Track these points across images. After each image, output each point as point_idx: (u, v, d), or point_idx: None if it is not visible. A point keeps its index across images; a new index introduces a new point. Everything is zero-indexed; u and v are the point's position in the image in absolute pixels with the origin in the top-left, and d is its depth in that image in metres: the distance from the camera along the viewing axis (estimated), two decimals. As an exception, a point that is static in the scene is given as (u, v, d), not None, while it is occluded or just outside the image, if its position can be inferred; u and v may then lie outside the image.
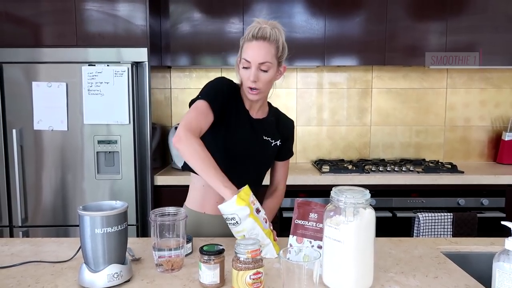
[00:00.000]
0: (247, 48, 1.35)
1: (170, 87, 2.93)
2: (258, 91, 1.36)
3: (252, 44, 1.34)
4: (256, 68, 1.34)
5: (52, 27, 2.34)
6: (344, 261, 1.00)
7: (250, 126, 1.44)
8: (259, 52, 1.33)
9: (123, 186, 2.33)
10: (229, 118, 1.40)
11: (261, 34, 1.33)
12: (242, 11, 2.60)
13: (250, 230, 1.21)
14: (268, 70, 1.35)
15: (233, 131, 1.40)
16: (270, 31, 1.33)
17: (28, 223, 2.35)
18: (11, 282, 1.09)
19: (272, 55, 1.35)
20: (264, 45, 1.33)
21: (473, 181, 2.45)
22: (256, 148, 1.44)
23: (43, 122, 2.30)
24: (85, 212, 1.04)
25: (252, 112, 1.46)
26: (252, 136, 1.44)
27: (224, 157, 1.37)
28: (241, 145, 1.42)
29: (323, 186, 2.40)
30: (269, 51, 1.34)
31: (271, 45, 1.34)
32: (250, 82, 1.34)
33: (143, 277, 1.12)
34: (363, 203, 1.00)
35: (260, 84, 1.35)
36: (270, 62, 1.34)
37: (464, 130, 2.98)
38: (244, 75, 1.36)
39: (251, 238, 1.16)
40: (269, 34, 1.33)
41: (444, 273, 1.14)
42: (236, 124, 1.41)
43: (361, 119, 2.97)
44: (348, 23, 2.64)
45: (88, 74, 2.27)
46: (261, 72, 1.35)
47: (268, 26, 1.34)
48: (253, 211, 1.22)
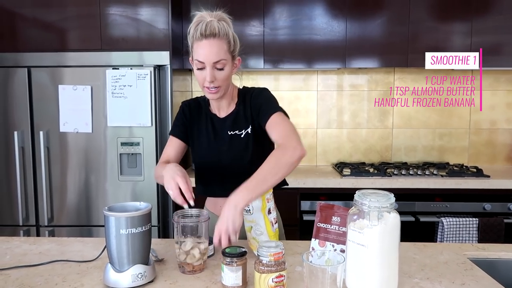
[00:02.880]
0: (198, 48, 1.28)
1: (191, 89, 2.96)
2: (217, 89, 1.31)
3: (202, 43, 1.27)
4: (211, 68, 1.28)
5: (77, 32, 2.40)
6: (368, 265, 0.99)
7: (213, 129, 1.43)
8: (211, 50, 1.26)
9: (145, 187, 2.36)
10: (196, 133, 1.46)
11: (210, 31, 1.26)
12: (263, 14, 2.60)
13: (257, 224, 1.23)
14: (224, 67, 1.30)
15: (201, 142, 1.45)
16: (218, 26, 1.26)
17: (54, 223, 2.41)
18: (39, 280, 1.12)
19: (225, 51, 1.29)
20: (215, 42, 1.27)
21: (500, 185, 2.38)
22: (223, 147, 1.41)
23: (69, 125, 2.36)
24: (110, 213, 1.06)
25: (221, 112, 1.44)
26: (217, 138, 1.42)
27: (205, 167, 1.45)
28: (211, 151, 1.43)
29: (344, 189, 2.38)
30: (221, 48, 1.28)
31: (222, 41, 1.28)
32: (207, 83, 1.30)
33: (166, 278, 1.13)
34: (387, 207, 0.99)
35: (218, 82, 1.30)
36: (224, 59, 1.28)
37: (490, 133, 2.91)
38: (199, 76, 1.31)
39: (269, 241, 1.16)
40: (218, 29, 1.26)
41: (471, 280, 1.11)
42: (202, 134, 1.45)
43: (382, 121, 2.93)
44: (370, 24, 2.61)
45: (112, 77, 2.31)
46: (217, 70, 1.29)
47: (214, 20, 1.27)
48: (266, 209, 1.23)
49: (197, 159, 1.49)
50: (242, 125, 1.40)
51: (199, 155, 1.48)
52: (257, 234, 1.24)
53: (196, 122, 1.47)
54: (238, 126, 1.40)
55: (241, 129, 1.40)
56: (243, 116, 1.40)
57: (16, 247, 1.37)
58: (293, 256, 1.25)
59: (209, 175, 1.46)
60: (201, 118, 1.46)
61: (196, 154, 1.49)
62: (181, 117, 1.48)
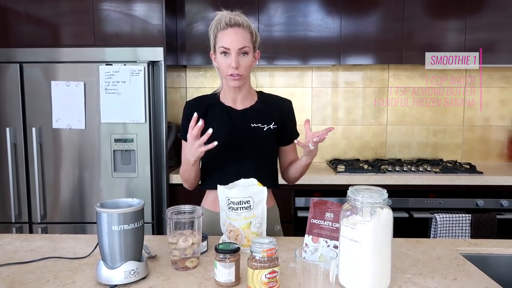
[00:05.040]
0: (223, 36, 1.37)
1: (186, 86, 2.95)
2: (240, 77, 1.38)
3: (227, 31, 1.36)
4: (236, 54, 1.35)
5: (70, 28, 2.37)
6: (361, 261, 0.99)
7: (231, 120, 1.46)
8: (237, 37, 1.35)
9: (139, 184, 2.35)
10: (210, 125, 1.41)
11: (234, 21, 1.36)
12: (258, 10, 2.59)
13: (256, 218, 1.26)
14: (248, 53, 1.38)
15: (219, 132, 1.41)
16: (240, 19, 1.38)
17: (47, 220, 2.40)
18: (31, 277, 1.11)
19: (249, 40, 1.38)
20: (240, 31, 1.37)
21: (493, 181, 2.39)
22: (246, 137, 1.46)
23: (62, 121, 2.34)
24: (102, 209, 1.05)
25: (237, 105, 1.49)
26: (237, 128, 1.45)
27: (221, 156, 1.44)
28: (231, 141, 1.44)
29: (338, 186, 2.38)
30: (246, 37, 1.37)
31: (246, 30, 1.38)
32: (231, 69, 1.36)
33: (159, 274, 1.13)
34: (380, 203, 0.99)
35: (242, 69, 1.37)
36: (248, 46, 1.37)
37: (483, 130, 2.92)
38: (223, 63, 1.38)
39: (264, 237, 1.17)
40: (242, 21, 1.37)
41: (463, 275, 1.12)
42: (219, 125, 1.41)
43: (377, 118, 2.93)
44: (365, 21, 2.61)
45: (106, 73, 2.29)
46: (241, 57, 1.37)
47: (235, 15, 1.38)
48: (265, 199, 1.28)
49: (213, 150, 1.43)
50: (264, 121, 1.48)
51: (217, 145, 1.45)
52: (256, 227, 1.25)
53: (207, 116, 1.46)
54: (261, 120, 1.48)
55: (263, 124, 1.47)
56: (267, 114, 1.49)
57: (7, 244, 1.36)
58: (287, 252, 1.25)
59: (224, 164, 1.45)
60: (214, 111, 1.48)
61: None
62: (187, 119, 1.48)
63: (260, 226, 1.27)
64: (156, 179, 2.40)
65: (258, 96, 1.53)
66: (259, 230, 1.26)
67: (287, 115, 1.53)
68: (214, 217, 1.45)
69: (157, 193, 2.42)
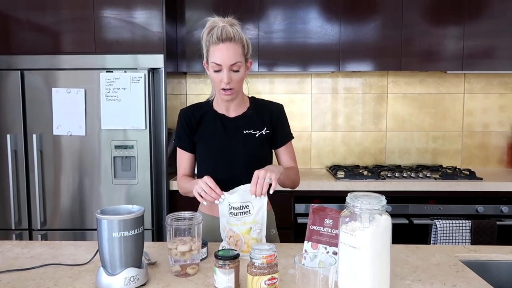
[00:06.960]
0: (214, 51, 1.37)
1: (186, 93, 2.96)
2: (232, 91, 1.41)
3: (219, 47, 1.36)
4: (228, 70, 1.37)
5: (71, 35, 2.39)
6: (360, 267, 0.99)
7: (224, 127, 1.49)
8: (228, 53, 1.36)
9: (139, 190, 2.36)
10: (204, 134, 1.50)
11: (226, 35, 1.35)
12: (257, 18, 2.61)
13: (257, 223, 1.26)
14: (239, 69, 1.39)
15: (212, 140, 1.49)
16: (232, 31, 1.36)
17: (47, 227, 2.39)
18: (31, 284, 1.11)
19: (240, 54, 1.39)
20: (231, 46, 1.36)
21: (492, 188, 2.40)
22: (238, 144, 1.48)
23: (62, 127, 2.35)
24: (102, 216, 1.06)
25: (230, 112, 1.52)
26: (229, 136, 1.49)
27: (215, 163, 1.49)
28: (224, 148, 1.49)
29: (338, 192, 2.38)
30: (237, 51, 1.37)
31: (237, 44, 1.38)
32: (224, 84, 1.38)
33: (159, 281, 1.13)
34: (379, 209, 0.99)
35: (234, 83, 1.40)
36: (240, 61, 1.38)
37: (483, 136, 2.93)
38: (216, 78, 1.40)
39: (264, 243, 1.17)
40: (233, 34, 1.36)
41: (462, 282, 1.12)
42: (212, 134, 1.50)
43: (376, 124, 2.94)
44: (364, 28, 2.63)
45: (106, 80, 2.31)
46: (233, 72, 1.39)
47: (227, 25, 1.37)
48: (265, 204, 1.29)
49: (207, 157, 1.52)
50: (256, 127, 1.51)
51: (210, 153, 1.50)
52: (256, 232, 1.26)
53: (201, 124, 1.51)
54: (253, 126, 1.50)
55: (255, 130, 1.50)
56: (258, 120, 1.52)
57: (7, 251, 1.36)
58: (287, 258, 1.25)
59: (218, 171, 1.46)
60: (208, 119, 1.52)
61: (206, 153, 1.52)
62: (181, 127, 1.54)
63: (260, 232, 1.27)
64: (156, 186, 2.41)
65: (250, 102, 1.56)
66: (259, 236, 1.27)
67: (277, 118, 1.55)
68: (211, 221, 1.45)
69: (157, 199, 2.42)
